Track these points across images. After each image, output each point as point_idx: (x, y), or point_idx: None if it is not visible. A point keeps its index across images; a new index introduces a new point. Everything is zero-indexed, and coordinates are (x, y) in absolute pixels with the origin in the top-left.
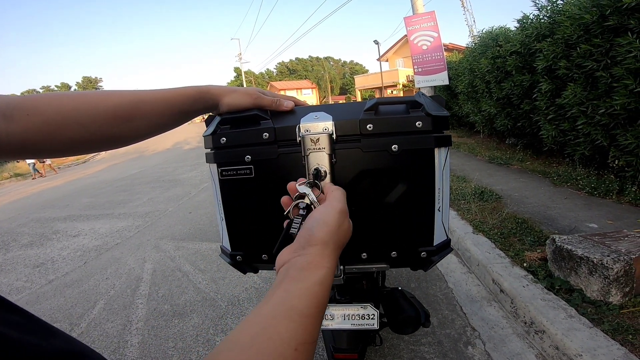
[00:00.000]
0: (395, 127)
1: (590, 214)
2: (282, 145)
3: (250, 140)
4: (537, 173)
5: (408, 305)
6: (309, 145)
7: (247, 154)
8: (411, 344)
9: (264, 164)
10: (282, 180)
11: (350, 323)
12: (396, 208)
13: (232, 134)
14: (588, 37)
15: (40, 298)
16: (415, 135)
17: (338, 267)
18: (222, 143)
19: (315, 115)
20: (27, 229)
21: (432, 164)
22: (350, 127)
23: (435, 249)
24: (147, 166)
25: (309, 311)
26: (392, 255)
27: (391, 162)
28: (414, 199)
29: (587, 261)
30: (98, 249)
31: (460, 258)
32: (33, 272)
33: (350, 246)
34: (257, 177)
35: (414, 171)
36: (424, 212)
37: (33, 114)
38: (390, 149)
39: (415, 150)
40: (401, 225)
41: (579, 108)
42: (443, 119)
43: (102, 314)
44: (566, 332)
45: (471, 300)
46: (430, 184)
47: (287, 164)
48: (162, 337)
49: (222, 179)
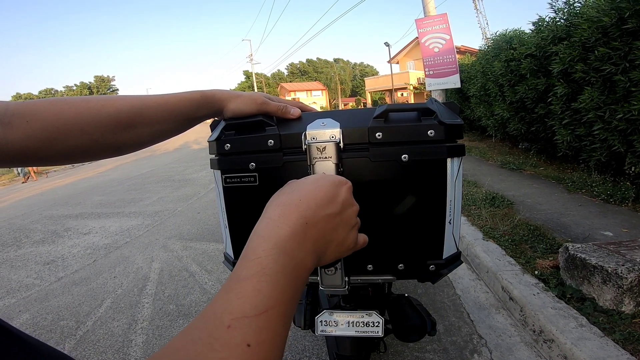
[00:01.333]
0: (406, 135)
1: (605, 221)
2: (288, 153)
3: (255, 147)
4: (551, 179)
5: (414, 313)
6: (315, 154)
7: (252, 161)
8: (416, 350)
9: (269, 172)
10: None
11: (354, 330)
12: (405, 220)
13: (237, 140)
14: (606, 40)
15: (48, 295)
16: (427, 144)
17: (342, 278)
18: (226, 149)
19: (322, 122)
20: (39, 226)
21: (444, 175)
22: (359, 135)
23: (444, 262)
24: (157, 165)
25: (247, 273)
26: (399, 267)
27: (401, 172)
28: (423, 211)
29: (601, 270)
30: (108, 247)
31: (469, 265)
32: (43, 269)
33: (356, 257)
34: (262, 186)
35: (425, 182)
36: (434, 225)
37: (32, 120)
38: (400, 159)
39: (427, 161)
40: (409, 238)
41: (596, 113)
42: (457, 128)
43: (108, 312)
44: (576, 341)
45: (479, 308)
46: (442, 196)
47: (293, 172)
48: (166, 337)
49: (225, 187)
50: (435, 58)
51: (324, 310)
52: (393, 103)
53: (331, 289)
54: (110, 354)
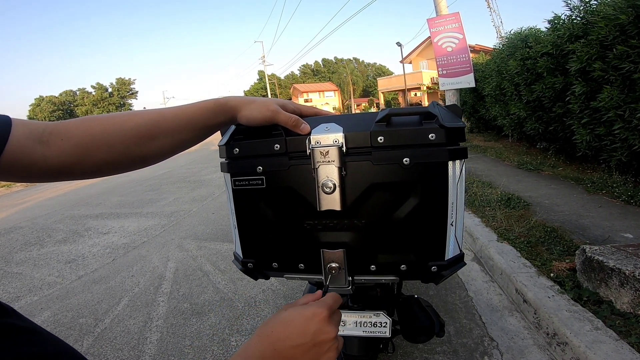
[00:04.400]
0: (407, 139)
1: (625, 223)
2: (293, 157)
3: (262, 152)
4: (570, 180)
5: (422, 314)
6: (318, 158)
7: (259, 164)
8: (425, 352)
9: (275, 175)
10: (292, 191)
11: (361, 330)
12: (407, 222)
13: (245, 144)
14: (624, 38)
15: (69, 293)
16: (428, 148)
17: (346, 278)
18: (235, 153)
19: (326, 127)
20: (61, 226)
21: (445, 177)
22: (361, 139)
23: (446, 264)
24: (174, 166)
25: None
26: (401, 268)
27: (402, 175)
28: (425, 213)
29: (619, 273)
30: (126, 246)
31: (482, 266)
32: (64, 268)
33: (359, 258)
34: (269, 188)
35: (426, 185)
36: (436, 227)
37: (66, 138)
38: (401, 162)
39: (428, 164)
40: (411, 239)
41: (616, 112)
42: (458, 131)
43: (125, 310)
44: (590, 344)
45: (491, 310)
46: (443, 198)
47: (298, 175)
48: (179, 335)
49: (235, 189)
50: (449, 57)
51: None
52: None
53: (335, 287)
54: (126, 351)
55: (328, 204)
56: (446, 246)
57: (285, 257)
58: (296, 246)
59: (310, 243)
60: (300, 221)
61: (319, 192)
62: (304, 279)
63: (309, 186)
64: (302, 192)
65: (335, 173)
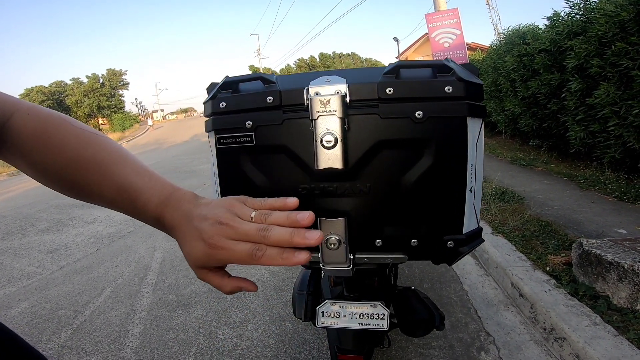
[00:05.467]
0: (420, 91)
1: (619, 219)
2: (288, 110)
3: (253, 105)
4: (563, 176)
5: (421, 307)
6: (317, 108)
7: (248, 119)
8: (420, 347)
9: (267, 131)
10: (286, 150)
11: (357, 322)
12: (419, 186)
13: (233, 98)
14: (624, 35)
15: (49, 284)
16: (444, 101)
17: (347, 255)
18: (221, 108)
19: (326, 79)
20: (45, 215)
21: (463, 135)
22: (367, 91)
23: (464, 238)
24: (165, 157)
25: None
26: (411, 243)
27: (414, 131)
28: (441, 176)
29: (617, 267)
30: (111, 236)
31: (477, 260)
32: (46, 258)
33: (362, 231)
34: (258, 146)
35: (442, 142)
36: (453, 193)
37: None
38: (413, 115)
39: (444, 118)
40: (424, 208)
41: (612, 108)
42: (477, 87)
43: (107, 302)
44: (589, 340)
45: (487, 304)
46: (462, 159)
47: (293, 131)
48: (164, 327)
49: (219, 148)
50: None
51: (326, 300)
52: None
53: (334, 267)
54: (105, 344)
55: (328, 160)
56: (464, 217)
57: None
58: None
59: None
60: (294, 185)
61: (317, 148)
62: None
63: (305, 143)
64: (296, 150)
65: (337, 125)
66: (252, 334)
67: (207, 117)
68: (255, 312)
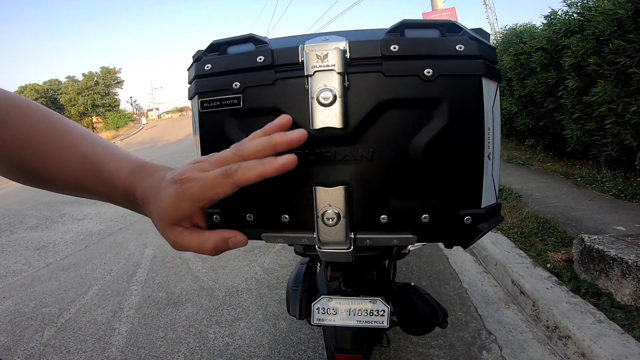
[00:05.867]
0: (429, 49)
1: (616, 216)
2: (280, 70)
3: (241, 65)
4: (559, 174)
5: (422, 303)
6: (314, 62)
7: (236, 81)
8: (420, 346)
9: (256, 92)
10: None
11: (356, 319)
12: (430, 152)
13: (220, 59)
14: (622, 32)
15: (35, 281)
16: (456, 59)
17: (347, 233)
18: (206, 70)
19: (324, 38)
20: (35, 212)
21: (479, 95)
22: (369, 49)
23: (484, 213)
24: (158, 156)
25: None
26: (422, 219)
27: (423, 90)
28: (455, 140)
29: (621, 262)
30: (101, 233)
31: (475, 257)
32: (33, 255)
33: (365, 205)
34: (246, 109)
35: (455, 103)
36: (470, 159)
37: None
38: (422, 73)
39: (457, 77)
40: (437, 177)
41: (609, 106)
42: (491, 48)
43: (94, 299)
44: (595, 338)
45: (487, 302)
46: (478, 121)
47: (285, 90)
48: (152, 326)
49: (202, 112)
50: None
51: (322, 296)
52: None
53: (331, 248)
54: (90, 343)
55: (325, 119)
56: (483, 188)
57: (263, 205)
58: (279, 187)
59: (299, 182)
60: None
61: (313, 105)
62: (288, 240)
63: (299, 104)
64: (289, 111)
65: (336, 80)
66: (244, 333)
67: (189, 84)
68: (248, 311)
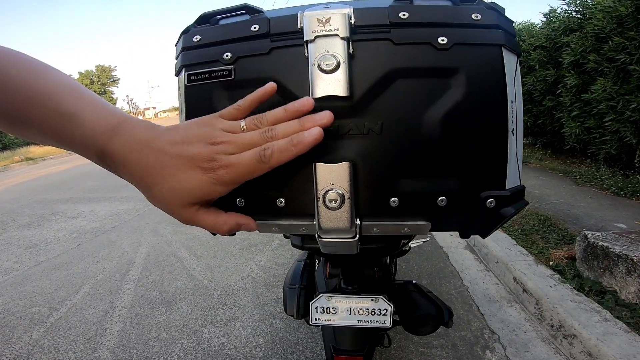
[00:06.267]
0: (442, 17)
1: (617, 214)
2: (277, 39)
3: (234, 35)
4: (558, 172)
5: (426, 301)
6: (315, 27)
7: (227, 51)
8: (421, 346)
9: (249, 63)
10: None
11: (356, 319)
12: (447, 125)
13: (210, 30)
14: (622, 30)
15: (25, 280)
16: (474, 28)
17: (352, 218)
18: (194, 41)
19: (325, 5)
20: (28, 210)
21: (500, 65)
22: (376, 15)
23: (509, 195)
24: None
25: None
26: (439, 202)
27: (437, 59)
28: (475, 113)
29: (626, 259)
30: (94, 231)
31: (475, 255)
32: (24, 253)
33: (373, 186)
34: (238, 81)
35: (474, 72)
36: (493, 134)
37: None
38: (435, 41)
39: (475, 46)
40: (455, 153)
41: (608, 103)
42: (509, 20)
43: (85, 298)
44: (601, 336)
45: (489, 300)
46: (500, 93)
47: (283, 60)
48: (145, 325)
49: (188, 86)
50: None
51: (321, 294)
52: None
53: (333, 237)
54: (80, 343)
55: (327, 87)
56: (507, 166)
57: (255, 187)
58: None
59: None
60: None
61: (314, 73)
62: (284, 228)
63: (297, 73)
64: (286, 82)
65: (340, 46)
66: (240, 333)
67: (176, 59)
68: (244, 310)
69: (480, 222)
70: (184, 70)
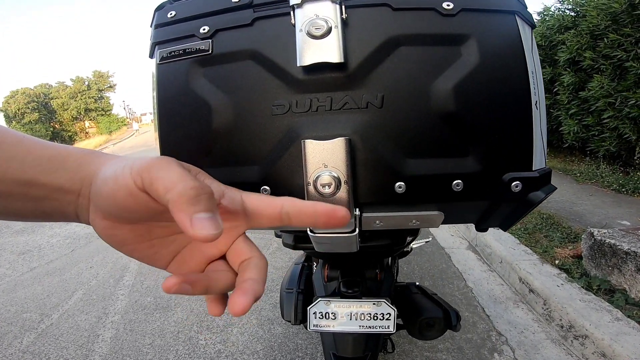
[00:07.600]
0: None
1: (620, 211)
2: (260, 9)
3: (213, 8)
4: (558, 170)
5: (432, 304)
6: None
7: (205, 25)
8: (426, 350)
9: (229, 36)
10: (255, 55)
11: (357, 324)
12: (460, 97)
13: (186, 4)
14: (616, 27)
15: (17, 286)
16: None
17: (351, 208)
18: (169, 17)
19: None
20: None
21: (516, 32)
22: None
23: (537, 177)
24: None
25: None
26: (453, 187)
27: (443, 25)
28: (492, 82)
29: (635, 257)
30: (88, 236)
31: (478, 255)
32: (17, 259)
33: (374, 168)
34: (217, 55)
35: (488, 39)
36: (514, 107)
37: None
38: (439, 6)
39: (486, 12)
40: (471, 130)
41: (606, 100)
42: None
43: (77, 304)
44: (615, 336)
45: (494, 301)
46: (519, 61)
47: (266, 31)
48: (138, 332)
49: (160, 64)
50: None
51: (319, 299)
52: None
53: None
54: (72, 350)
55: (317, 52)
56: (533, 144)
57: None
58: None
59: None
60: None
61: (301, 39)
62: None
63: (283, 43)
64: (270, 53)
65: (331, 10)
66: (237, 339)
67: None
68: (242, 315)
69: (503, 211)
70: (157, 48)
